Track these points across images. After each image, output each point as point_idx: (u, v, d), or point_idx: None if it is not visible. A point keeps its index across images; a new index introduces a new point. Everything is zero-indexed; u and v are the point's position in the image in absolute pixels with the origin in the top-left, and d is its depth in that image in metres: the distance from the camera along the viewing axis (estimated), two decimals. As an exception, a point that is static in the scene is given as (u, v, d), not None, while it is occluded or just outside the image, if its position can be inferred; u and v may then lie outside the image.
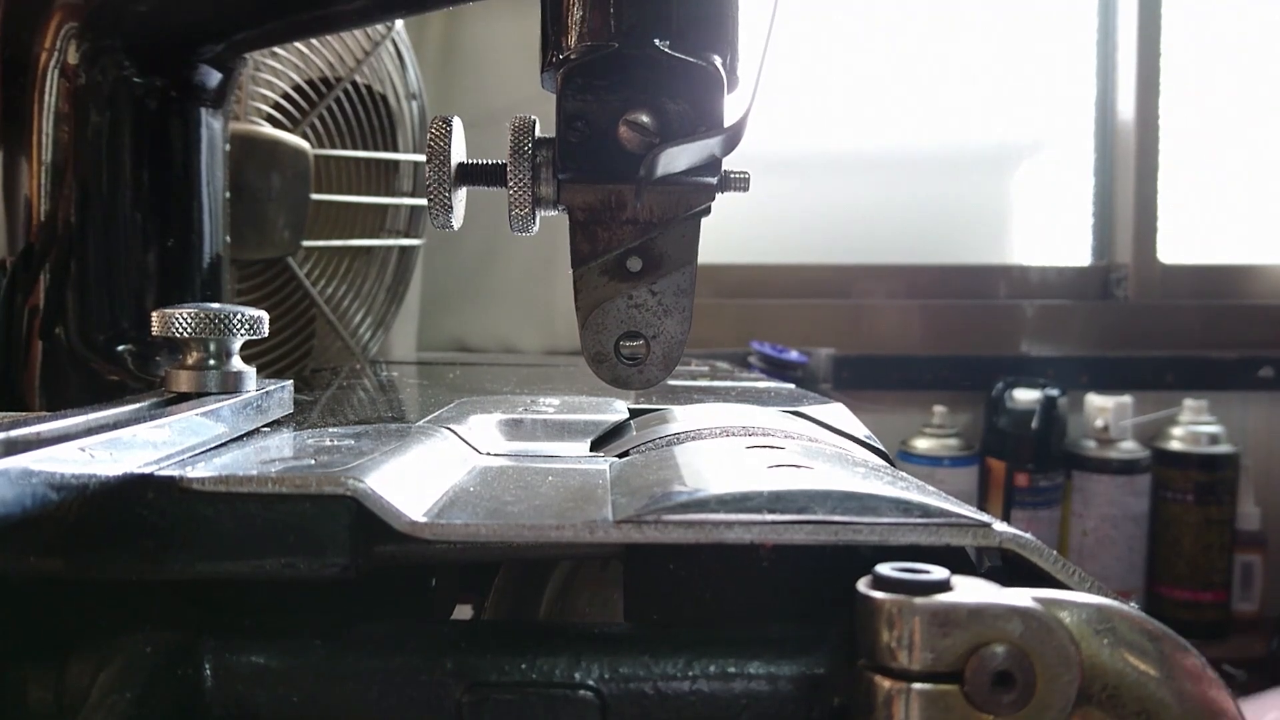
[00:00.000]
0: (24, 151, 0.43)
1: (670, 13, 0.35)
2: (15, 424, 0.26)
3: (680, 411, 0.44)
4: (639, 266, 0.37)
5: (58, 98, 0.42)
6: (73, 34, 0.42)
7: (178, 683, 0.27)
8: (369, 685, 0.27)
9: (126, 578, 0.26)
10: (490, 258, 1.17)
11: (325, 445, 0.32)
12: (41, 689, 0.27)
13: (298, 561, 0.26)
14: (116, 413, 0.30)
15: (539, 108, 0.38)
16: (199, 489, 0.26)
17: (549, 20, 0.36)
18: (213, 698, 0.27)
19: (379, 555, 0.27)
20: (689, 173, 0.35)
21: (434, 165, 0.36)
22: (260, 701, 0.27)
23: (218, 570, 0.26)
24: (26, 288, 0.43)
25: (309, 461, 0.29)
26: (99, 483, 0.25)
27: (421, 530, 0.26)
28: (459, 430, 0.39)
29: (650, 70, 0.34)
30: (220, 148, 0.47)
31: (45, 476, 0.22)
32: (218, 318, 0.35)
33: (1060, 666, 0.25)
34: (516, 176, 0.36)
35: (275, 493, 0.26)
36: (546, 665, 0.27)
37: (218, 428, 0.33)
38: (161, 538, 0.26)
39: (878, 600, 0.25)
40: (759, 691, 0.27)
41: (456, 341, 1.20)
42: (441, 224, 0.37)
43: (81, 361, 0.43)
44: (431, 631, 0.29)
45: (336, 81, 0.76)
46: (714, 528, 0.26)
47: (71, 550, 0.25)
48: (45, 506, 0.22)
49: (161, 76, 0.44)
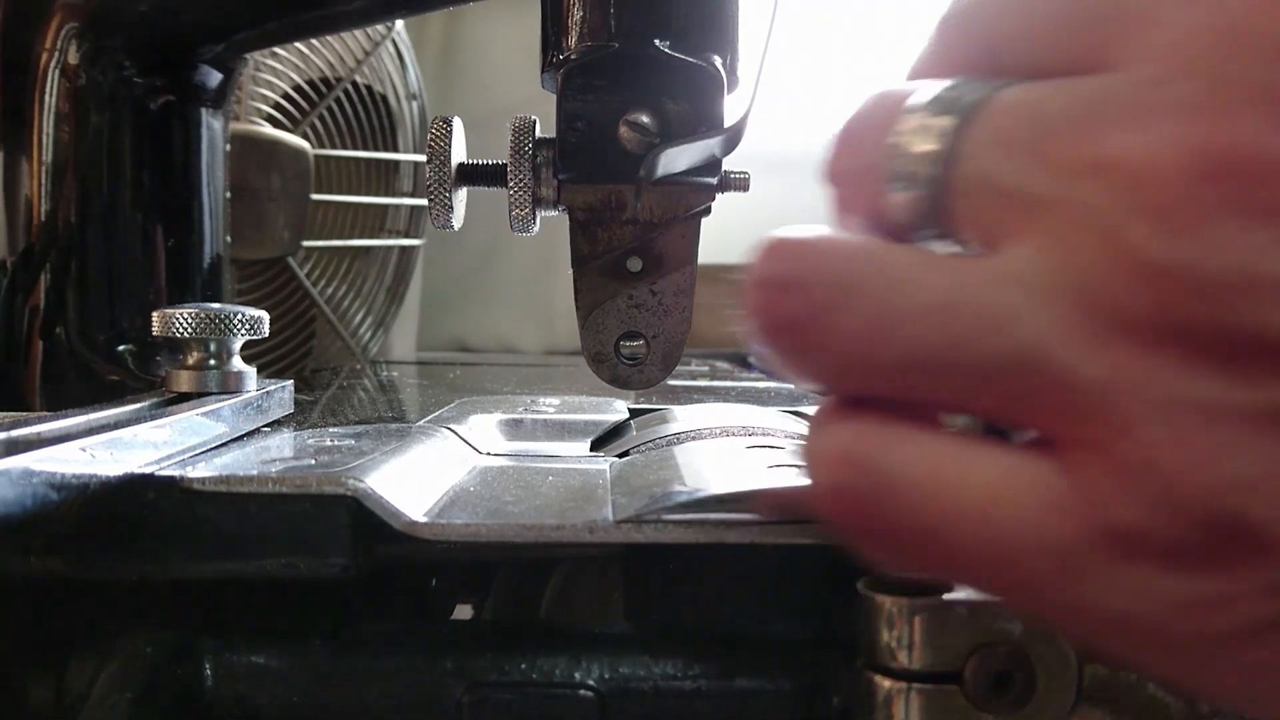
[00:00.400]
0: (24, 151, 0.43)
1: (670, 13, 0.35)
2: (16, 424, 0.26)
3: (680, 411, 0.44)
4: (639, 266, 0.37)
5: (58, 98, 0.42)
6: (73, 34, 0.42)
7: (178, 682, 0.27)
8: (369, 685, 0.27)
9: (126, 578, 0.26)
10: (490, 258, 1.17)
11: (325, 445, 0.32)
12: (41, 689, 0.27)
13: (298, 561, 0.26)
14: (117, 413, 0.30)
15: (539, 108, 0.38)
16: (199, 489, 0.26)
17: (549, 20, 0.36)
18: (213, 697, 0.27)
19: (379, 555, 0.27)
20: (689, 173, 0.35)
21: (434, 165, 0.36)
22: (260, 701, 0.27)
23: (218, 570, 0.26)
24: (27, 288, 0.43)
25: (309, 461, 0.29)
26: (100, 483, 0.25)
27: (421, 530, 0.26)
28: (459, 430, 0.39)
29: (650, 70, 0.34)
30: (221, 148, 0.47)
31: (46, 476, 0.22)
32: (218, 318, 0.35)
33: (1059, 666, 0.25)
34: (517, 177, 0.36)
35: (276, 493, 0.26)
36: (546, 665, 0.27)
37: (218, 428, 0.33)
38: (162, 538, 0.26)
39: (878, 600, 0.25)
40: (759, 691, 0.27)
41: (456, 341, 1.20)
42: (442, 224, 0.37)
43: (82, 361, 0.43)
44: (431, 631, 0.29)
45: (337, 82, 0.76)
46: (714, 528, 0.26)
47: (72, 550, 0.25)
48: (46, 506, 0.22)
49: (162, 77, 0.44)
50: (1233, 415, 0.16)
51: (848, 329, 0.18)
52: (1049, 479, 0.17)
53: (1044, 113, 0.17)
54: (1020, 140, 0.17)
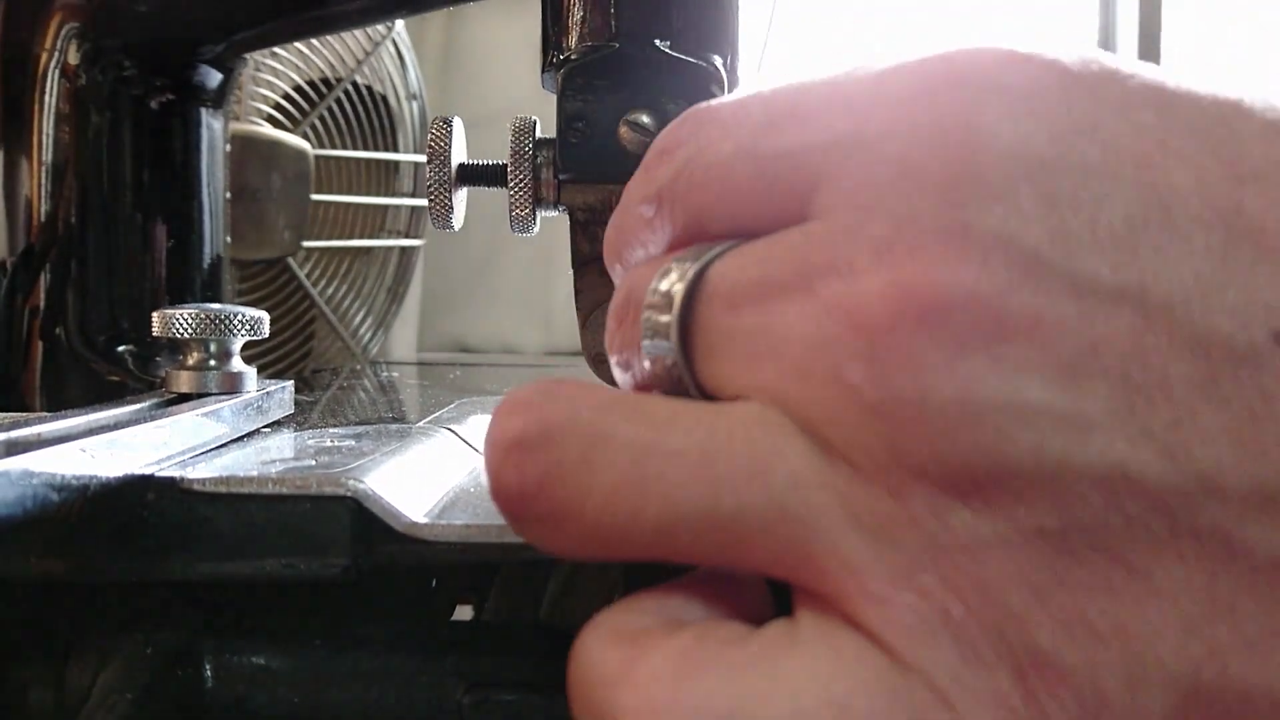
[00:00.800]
0: (24, 152, 0.43)
1: (670, 13, 0.35)
2: (16, 424, 0.26)
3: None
4: (639, 267, 0.36)
5: (58, 98, 0.42)
6: (73, 34, 0.42)
7: (178, 683, 0.27)
8: (369, 685, 0.27)
9: (127, 578, 0.26)
10: (490, 258, 1.17)
11: (326, 446, 0.32)
12: (42, 689, 0.27)
13: (298, 562, 0.26)
14: (117, 413, 0.30)
15: (539, 108, 0.38)
16: (199, 489, 0.26)
17: (549, 20, 0.36)
18: (213, 698, 0.27)
19: (379, 556, 0.27)
20: (689, 173, 0.35)
21: (434, 166, 0.36)
22: (260, 702, 0.27)
23: (218, 571, 0.26)
24: (26, 288, 0.43)
25: (309, 462, 0.29)
26: (100, 483, 0.25)
27: (422, 531, 0.26)
28: (459, 431, 0.39)
29: (651, 70, 0.34)
30: (221, 148, 0.47)
31: (46, 477, 0.22)
32: (218, 318, 0.35)
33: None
34: (517, 177, 0.36)
35: (276, 493, 0.26)
36: (546, 665, 0.27)
37: (218, 428, 0.33)
38: (162, 538, 0.26)
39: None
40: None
41: (457, 342, 1.20)
42: (442, 225, 0.37)
43: (82, 362, 0.43)
44: (431, 631, 0.29)
45: (337, 82, 0.76)
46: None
47: (72, 551, 0.25)
48: (46, 507, 0.22)
49: (162, 77, 0.44)
50: (995, 547, 0.16)
51: (602, 484, 0.17)
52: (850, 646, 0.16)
53: (757, 272, 0.18)
54: (738, 297, 0.18)
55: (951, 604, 0.16)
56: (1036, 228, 0.16)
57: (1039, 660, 0.16)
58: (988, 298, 0.15)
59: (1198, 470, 0.15)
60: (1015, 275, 0.15)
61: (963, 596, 0.16)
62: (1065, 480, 0.15)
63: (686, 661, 0.17)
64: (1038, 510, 0.15)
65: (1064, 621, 0.16)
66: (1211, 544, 0.15)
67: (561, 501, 0.17)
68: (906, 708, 0.16)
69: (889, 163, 0.17)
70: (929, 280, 0.16)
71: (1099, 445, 0.15)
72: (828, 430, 0.16)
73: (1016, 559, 0.16)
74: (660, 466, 0.17)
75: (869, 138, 0.17)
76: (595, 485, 0.17)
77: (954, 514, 0.16)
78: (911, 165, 0.16)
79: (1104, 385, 0.15)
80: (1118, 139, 0.16)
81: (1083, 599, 0.15)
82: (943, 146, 0.16)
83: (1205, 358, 0.15)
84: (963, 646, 0.16)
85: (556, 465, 0.17)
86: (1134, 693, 0.15)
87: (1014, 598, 0.16)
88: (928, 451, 0.16)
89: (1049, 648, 0.16)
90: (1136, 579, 0.15)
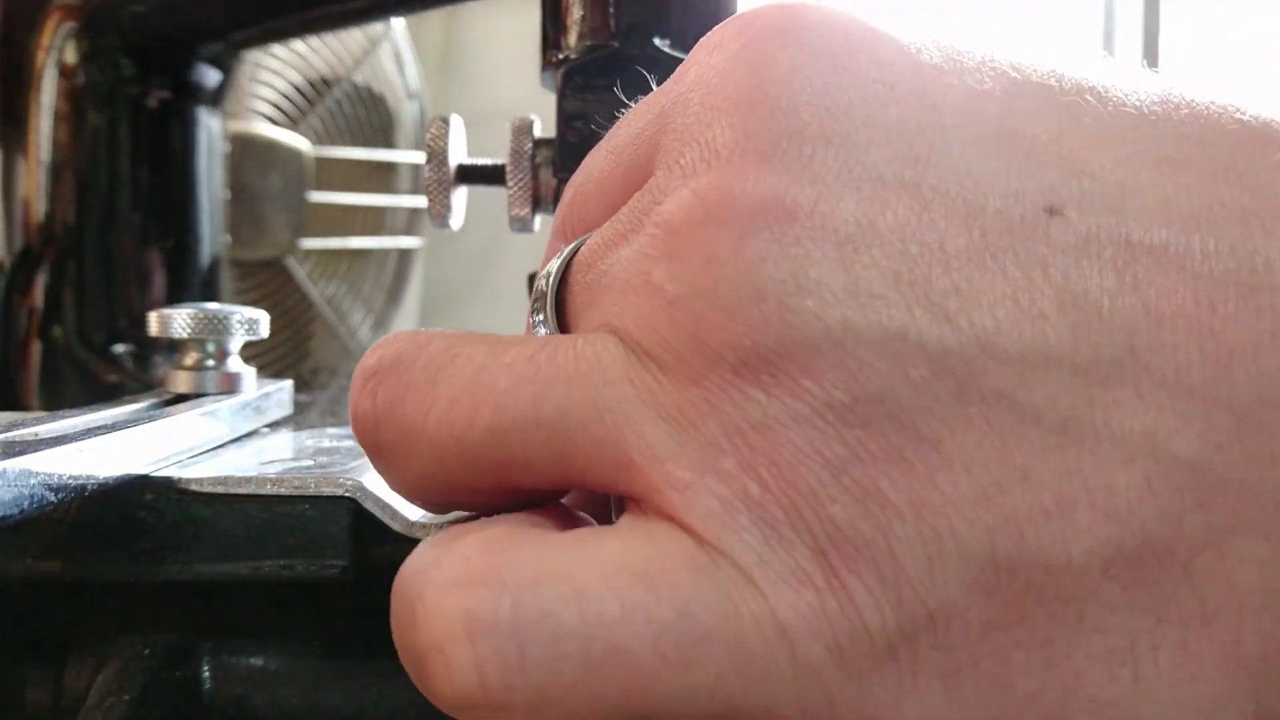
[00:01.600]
0: (22, 151, 0.43)
1: (670, 12, 0.35)
2: (13, 425, 0.26)
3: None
4: (639, 267, 0.36)
5: (56, 97, 0.42)
6: (71, 33, 0.42)
7: (176, 684, 0.27)
8: (369, 686, 0.27)
9: (125, 579, 0.26)
10: (490, 258, 1.17)
11: (324, 446, 0.32)
12: (39, 690, 0.27)
13: (296, 563, 0.26)
14: (115, 413, 0.30)
15: (538, 107, 0.38)
16: (197, 490, 0.26)
17: (549, 19, 0.36)
18: (211, 699, 0.27)
19: (378, 556, 0.27)
20: (689, 173, 0.35)
21: (433, 165, 0.36)
22: (259, 703, 0.27)
23: (216, 572, 0.26)
24: (24, 288, 0.43)
25: (308, 462, 0.29)
26: (97, 484, 0.25)
27: (421, 531, 0.26)
28: (458, 431, 0.39)
29: (650, 70, 0.34)
30: (219, 147, 0.47)
31: (43, 478, 0.22)
32: (216, 318, 0.35)
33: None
34: (516, 176, 0.35)
35: (274, 494, 0.26)
36: (546, 667, 0.27)
37: (216, 429, 0.32)
38: (160, 539, 0.26)
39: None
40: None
41: (456, 342, 1.20)
42: (441, 224, 0.37)
43: (80, 362, 0.43)
44: (431, 633, 0.28)
45: (336, 81, 0.76)
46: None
47: (69, 552, 0.25)
48: (43, 508, 0.22)
49: (160, 76, 0.44)
50: (788, 425, 0.16)
51: (442, 397, 0.18)
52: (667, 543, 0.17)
53: (610, 231, 0.20)
54: (594, 258, 0.20)
55: (750, 485, 0.16)
56: (815, 131, 0.17)
57: (836, 536, 0.16)
58: (771, 188, 0.17)
59: (976, 333, 0.16)
60: (796, 169, 0.17)
61: (760, 477, 0.16)
62: (847, 348, 0.16)
63: (498, 541, 0.17)
64: (825, 382, 0.16)
65: (858, 495, 0.16)
66: (998, 408, 0.15)
67: (408, 419, 0.19)
68: (713, 589, 0.16)
69: (698, 109, 0.19)
70: (720, 182, 0.17)
71: (878, 312, 0.16)
72: (640, 334, 0.17)
73: (809, 434, 0.16)
74: (494, 376, 0.18)
75: (685, 98, 0.19)
76: (437, 398, 0.18)
77: (748, 394, 0.16)
78: (712, 105, 0.18)
79: (883, 257, 0.16)
80: (893, 60, 0.18)
81: (875, 471, 0.16)
82: (735, 82, 0.18)
83: (981, 231, 0.16)
84: (764, 527, 0.16)
85: (405, 387, 0.19)
86: (931, 565, 0.15)
87: (809, 474, 0.16)
88: (722, 336, 0.16)
89: (845, 523, 0.16)
90: (927, 448, 0.16)
